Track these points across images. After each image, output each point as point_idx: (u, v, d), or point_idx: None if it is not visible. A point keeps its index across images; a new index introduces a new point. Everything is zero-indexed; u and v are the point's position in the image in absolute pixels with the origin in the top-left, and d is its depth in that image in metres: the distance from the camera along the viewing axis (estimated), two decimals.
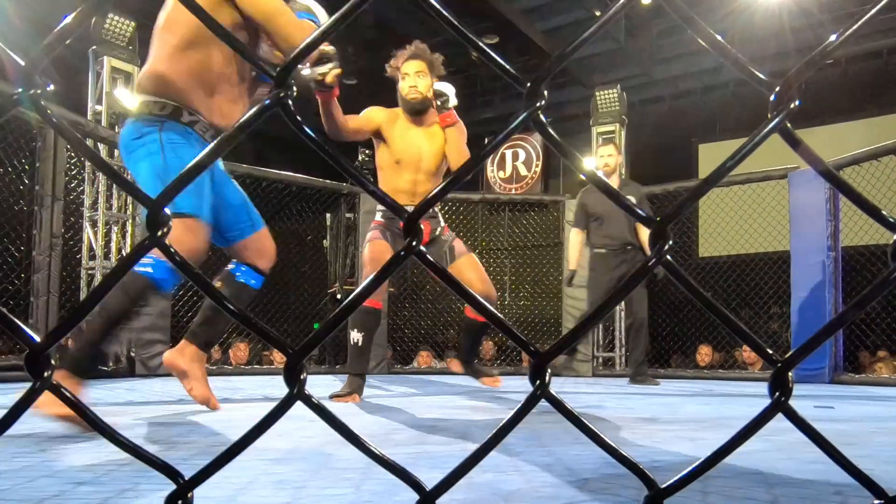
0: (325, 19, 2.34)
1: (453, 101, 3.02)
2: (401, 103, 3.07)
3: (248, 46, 2.24)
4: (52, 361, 0.44)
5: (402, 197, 3.05)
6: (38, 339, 0.44)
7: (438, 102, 3.00)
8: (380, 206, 3.35)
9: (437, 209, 3.35)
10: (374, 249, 3.03)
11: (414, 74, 3.02)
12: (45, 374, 0.43)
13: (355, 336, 3.01)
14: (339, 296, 6.16)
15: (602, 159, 4.77)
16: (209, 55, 2.13)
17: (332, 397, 2.98)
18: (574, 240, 5.03)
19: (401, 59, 3.06)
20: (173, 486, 0.47)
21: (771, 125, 0.44)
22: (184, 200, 2.03)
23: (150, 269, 2.00)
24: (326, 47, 2.42)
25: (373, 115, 3.06)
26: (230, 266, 2.49)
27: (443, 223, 3.25)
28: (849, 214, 5.13)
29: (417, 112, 3.04)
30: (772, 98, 0.45)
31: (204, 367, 2.43)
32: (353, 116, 2.98)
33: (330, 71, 2.43)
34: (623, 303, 4.69)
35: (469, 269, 3.14)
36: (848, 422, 2.36)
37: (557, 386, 4.59)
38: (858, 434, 1.97)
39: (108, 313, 1.90)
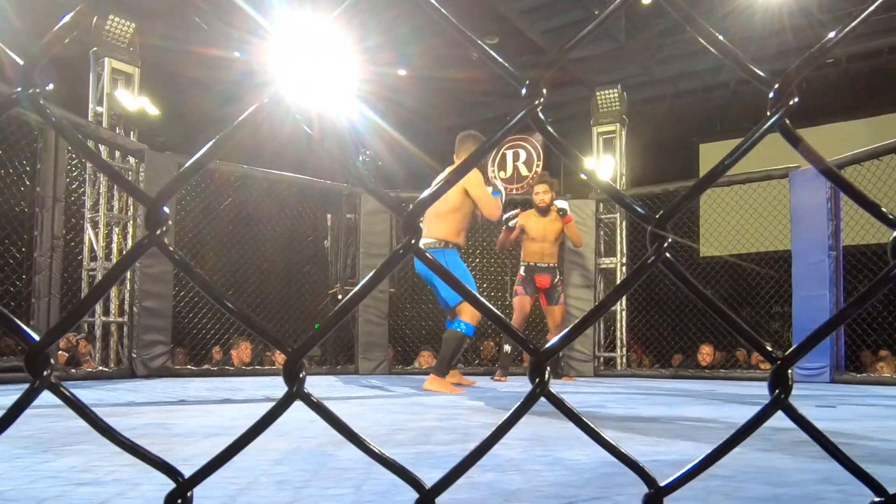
0: (503, 191, 4.27)
1: (569, 210, 5.41)
2: (534, 206, 5.43)
3: None
4: (52, 361, 0.44)
5: (534, 257, 5.39)
6: (37, 338, 0.44)
7: (560, 212, 5.33)
8: (522, 262, 5.45)
9: (557, 267, 5.47)
10: (518, 301, 5.32)
11: (542, 193, 5.38)
12: (45, 372, 0.43)
13: (506, 347, 5.41)
14: (339, 296, 6.16)
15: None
16: None
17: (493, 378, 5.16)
18: None
19: (534, 183, 5.72)
20: (173, 486, 0.47)
21: (770, 122, 0.44)
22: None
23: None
24: (514, 211, 5.38)
25: (522, 221, 5.37)
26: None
27: (559, 276, 5.49)
28: (850, 214, 5.13)
29: (543, 212, 5.37)
30: (771, 95, 0.45)
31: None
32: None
33: (513, 220, 5.29)
34: None
35: (558, 312, 5.39)
36: (849, 421, 2.36)
37: (559, 386, 4.59)
38: (860, 433, 1.97)
39: None
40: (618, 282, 6.22)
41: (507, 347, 5.33)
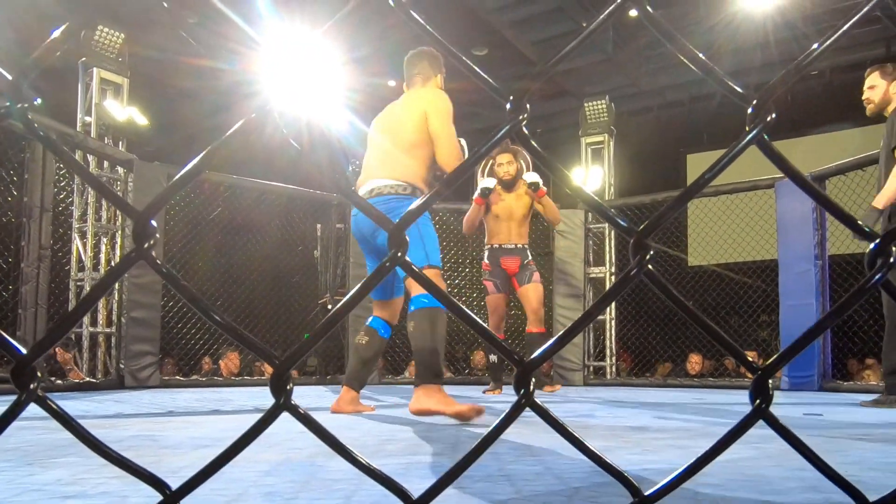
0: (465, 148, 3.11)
1: (541, 184, 4.68)
2: (498, 180, 4.76)
3: None
4: (38, 373, 0.44)
5: (499, 237, 4.78)
6: (24, 351, 0.44)
7: (532, 187, 4.65)
8: (486, 245, 4.86)
9: (527, 247, 4.83)
10: (491, 302, 4.80)
11: (506, 164, 4.75)
12: (31, 385, 0.43)
13: (493, 357, 4.91)
14: (329, 306, 6.15)
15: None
16: None
17: (484, 392, 4.73)
18: None
19: (495, 153, 4.72)
20: (161, 498, 0.47)
21: (748, 137, 0.45)
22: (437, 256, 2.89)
23: None
24: (491, 179, 4.71)
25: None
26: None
27: (530, 257, 4.82)
28: (835, 223, 5.19)
29: (508, 186, 4.76)
30: (749, 111, 0.46)
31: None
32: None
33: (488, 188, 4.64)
34: None
35: (532, 291, 4.70)
36: (836, 429, 2.38)
37: (548, 396, 4.59)
38: (847, 441, 1.98)
39: None
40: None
41: (493, 358, 4.95)
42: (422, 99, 2.91)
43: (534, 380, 0.47)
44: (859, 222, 0.47)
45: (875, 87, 3.70)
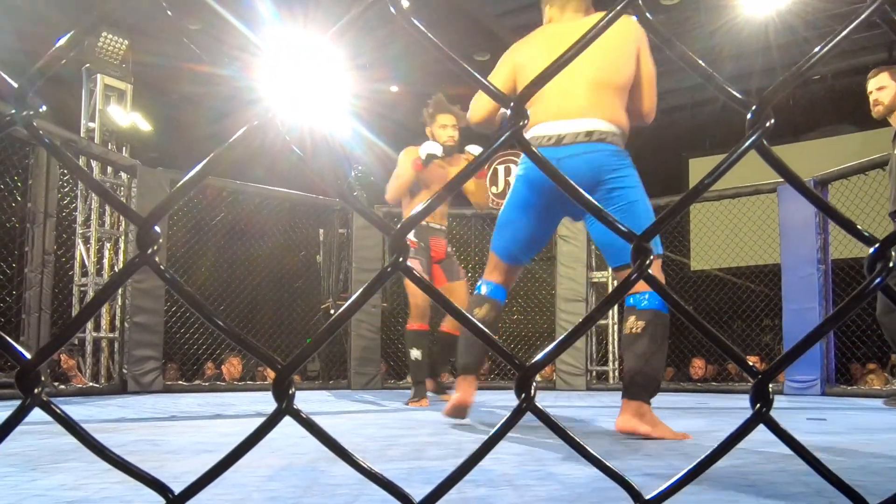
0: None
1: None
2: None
3: None
4: (42, 378, 0.44)
5: (433, 217, 4.01)
6: (28, 356, 0.44)
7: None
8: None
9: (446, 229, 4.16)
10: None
11: (451, 127, 3.87)
12: (36, 390, 0.43)
13: (415, 353, 3.89)
14: (332, 311, 6.15)
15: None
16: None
17: (407, 403, 3.83)
18: None
19: (437, 111, 3.91)
20: (163, 503, 0.47)
21: (747, 143, 0.45)
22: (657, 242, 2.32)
23: None
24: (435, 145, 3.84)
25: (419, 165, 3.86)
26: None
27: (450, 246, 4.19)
28: (837, 228, 5.16)
29: (449, 153, 3.87)
30: (749, 117, 0.46)
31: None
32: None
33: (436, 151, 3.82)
34: None
35: (462, 290, 3.99)
36: (840, 434, 2.37)
37: (551, 400, 4.58)
38: (850, 445, 1.98)
39: None
40: None
41: (415, 354, 3.89)
42: (632, 30, 2.40)
43: (534, 384, 0.47)
44: (859, 227, 0.47)
45: (885, 88, 3.57)
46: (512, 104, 0.46)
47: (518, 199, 2.41)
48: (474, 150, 3.85)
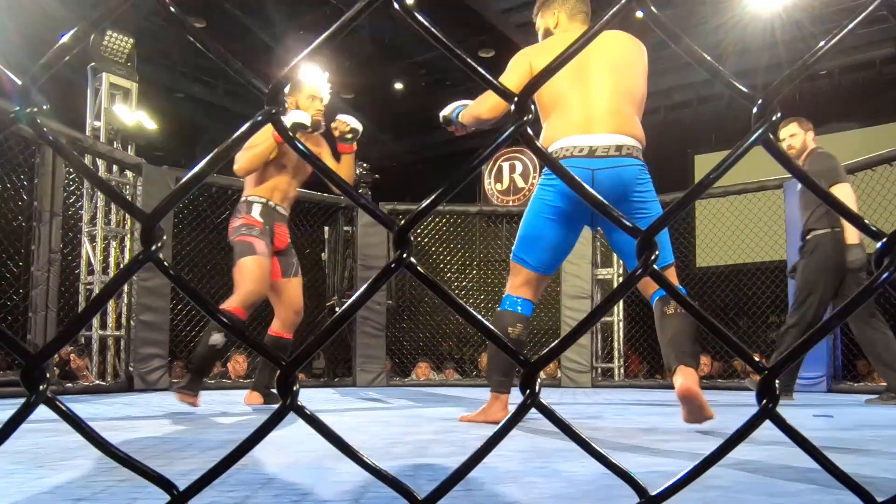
0: None
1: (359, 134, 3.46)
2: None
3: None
4: (47, 375, 0.44)
5: (278, 194, 3.36)
6: (33, 352, 0.44)
7: (350, 136, 3.39)
8: (255, 196, 3.32)
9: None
10: (254, 265, 3.19)
11: (320, 101, 3.39)
12: (41, 387, 0.44)
13: (217, 338, 3.11)
14: (337, 308, 6.16)
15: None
16: None
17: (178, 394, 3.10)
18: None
19: (307, 80, 3.37)
20: (169, 499, 0.47)
21: (754, 137, 0.45)
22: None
23: None
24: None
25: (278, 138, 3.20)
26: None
27: None
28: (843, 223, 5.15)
29: (316, 128, 3.34)
30: (754, 111, 0.46)
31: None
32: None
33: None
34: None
35: (299, 288, 3.53)
36: (846, 430, 2.36)
37: (556, 397, 4.58)
38: (857, 442, 1.97)
39: None
40: None
41: (217, 339, 3.12)
42: (642, 50, 2.54)
43: (539, 381, 0.47)
44: (866, 222, 0.47)
45: (796, 135, 4.19)
46: (516, 98, 0.46)
47: (550, 209, 2.44)
48: (347, 119, 3.39)
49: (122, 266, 5.26)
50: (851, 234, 3.92)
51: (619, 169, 2.37)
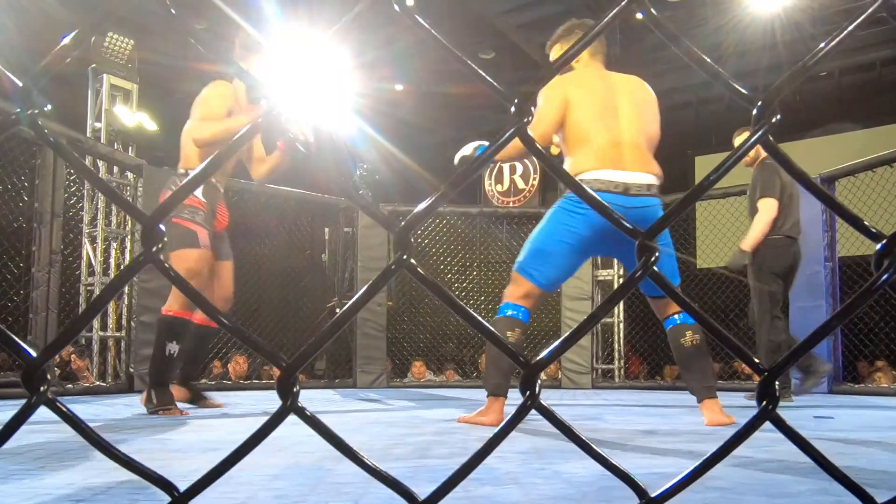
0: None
1: (305, 138, 3.15)
2: (246, 100, 3.11)
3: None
4: (48, 376, 0.44)
5: (219, 171, 3.08)
6: (34, 354, 0.44)
7: (301, 148, 3.07)
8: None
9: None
10: (196, 258, 2.94)
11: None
12: (42, 388, 0.44)
13: (172, 347, 2.95)
14: (337, 310, 6.17)
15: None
16: None
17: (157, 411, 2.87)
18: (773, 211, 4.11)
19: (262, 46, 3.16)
20: (169, 500, 0.47)
21: (754, 139, 0.45)
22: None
23: None
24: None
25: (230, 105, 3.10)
26: None
27: None
28: (845, 225, 5.14)
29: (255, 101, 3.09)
30: (754, 112, 0.46)
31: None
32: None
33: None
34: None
35: (231, 272, 3.32)
36: (847, 431, 2.36)
37: (557, 398, 4.58)
38: (858, 443, 1.97)
39: None
40: None
41: (172, 348, 3.00)
42: (654, 96, 2.74)
43: (539, 382, 0.47)
44: (866, 223, 0.47)
45: None
46: (516, 101, 0.46)
47: (573, 236, 2.50)
48: (308, 131, 3.12)
49: (122, 267, 5.27)
50: (745, 240, 4.17)
51: (650, 209, 2.52)
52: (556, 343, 0.47)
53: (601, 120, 2.53)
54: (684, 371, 2.60)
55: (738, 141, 4.29)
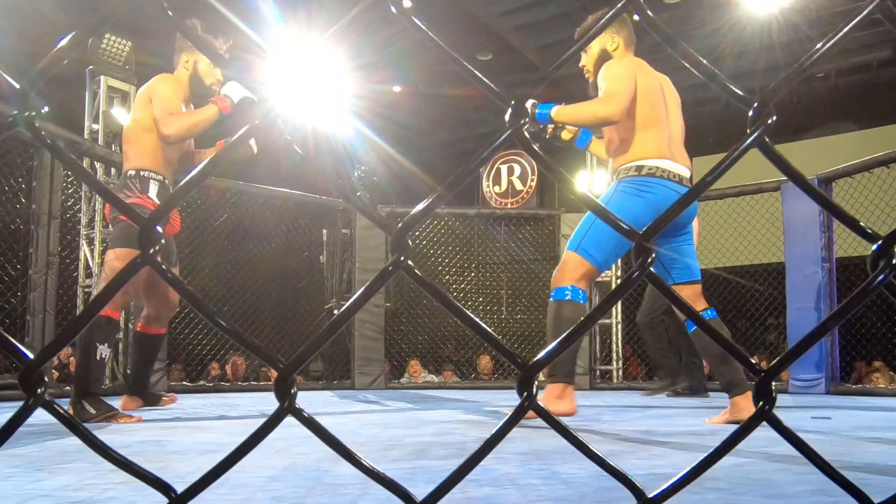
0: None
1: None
2: (204, 85, 3.11)
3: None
4: (46, 378, 0.44)
5: (169, 171, 2.96)
6: (31, 355, 0.44)
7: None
8: (148, 171, 2.86)
9: None
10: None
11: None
12: (39, 390, 0.44)
13: (104, 350, 2.72)
14: (335, 311, 6.16)
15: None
16: None
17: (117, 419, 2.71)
18: None
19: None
20: (167, 502, 0.47)
21: (749, 140, 0.45)
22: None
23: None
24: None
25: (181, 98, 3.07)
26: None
27: None
28: (842, 226, 5.15)
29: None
30: (750, 114, 0.46)
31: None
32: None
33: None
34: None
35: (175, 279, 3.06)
36: (844, 432, 2.36)
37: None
38: (855, 444, 1.97)
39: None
40: None
41: (104, 352, 2.77)
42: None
43: (536, 382, 0.47)
44: (861, 224, 0.47)
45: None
46: (513, 102, 0.46)
47: (634, 220, 2.50)
48: (236, 91, 3.03)
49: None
50: None
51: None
52: (554, 344, 0.47)
53: (661, 110, 2.65)
54: (725, 364, 2.58)
55: None
